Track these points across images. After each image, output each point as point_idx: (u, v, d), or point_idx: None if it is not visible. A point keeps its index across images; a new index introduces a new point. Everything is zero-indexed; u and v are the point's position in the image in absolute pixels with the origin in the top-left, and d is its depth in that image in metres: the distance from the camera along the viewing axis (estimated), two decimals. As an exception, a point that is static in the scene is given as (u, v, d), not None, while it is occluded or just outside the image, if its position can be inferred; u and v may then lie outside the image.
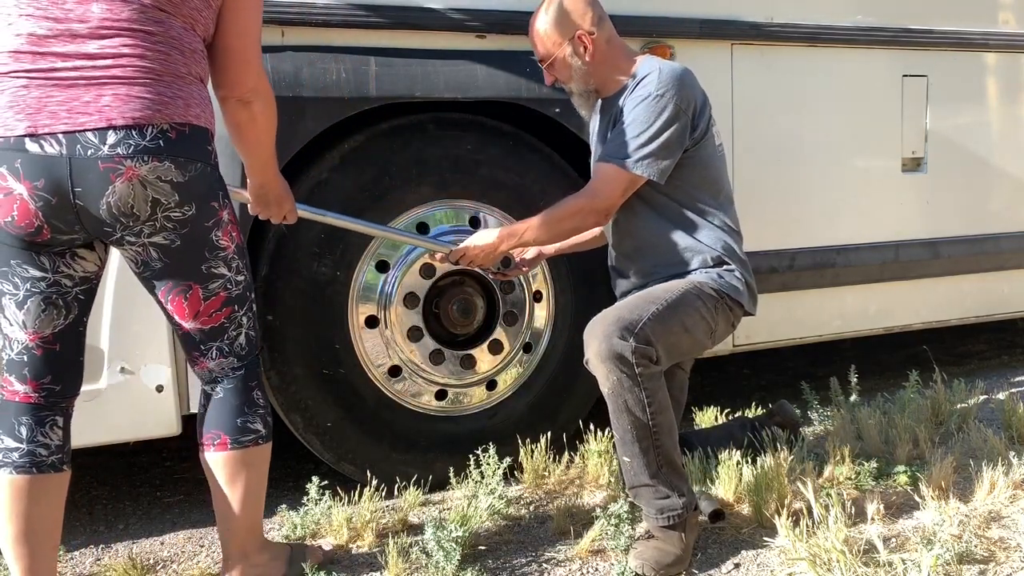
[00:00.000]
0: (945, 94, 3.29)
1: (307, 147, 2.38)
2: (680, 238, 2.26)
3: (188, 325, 1.83)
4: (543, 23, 2.26)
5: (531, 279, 2.69)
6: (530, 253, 2.54)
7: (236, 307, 1.86)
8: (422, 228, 2.54)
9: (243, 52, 1.79)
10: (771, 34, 2.93)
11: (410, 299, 2.53)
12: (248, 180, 2.00)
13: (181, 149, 1.68)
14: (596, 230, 2.46)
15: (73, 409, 1.85)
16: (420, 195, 2.53)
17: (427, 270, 2.54)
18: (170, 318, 1.84)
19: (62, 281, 1.74)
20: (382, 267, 2.52)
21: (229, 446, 1.87)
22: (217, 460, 1.88)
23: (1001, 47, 3.38)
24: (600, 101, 2.35)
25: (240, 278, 1.86)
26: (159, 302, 1.82)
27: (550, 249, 2.53)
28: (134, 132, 1.62)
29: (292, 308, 2.41)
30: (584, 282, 2.73)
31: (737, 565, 2.11)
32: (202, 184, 1.73)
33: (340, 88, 2.36)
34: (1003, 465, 2.41)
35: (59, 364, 1.78)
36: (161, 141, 1.65)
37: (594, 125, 2.42)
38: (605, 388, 2.08)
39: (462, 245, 2.36)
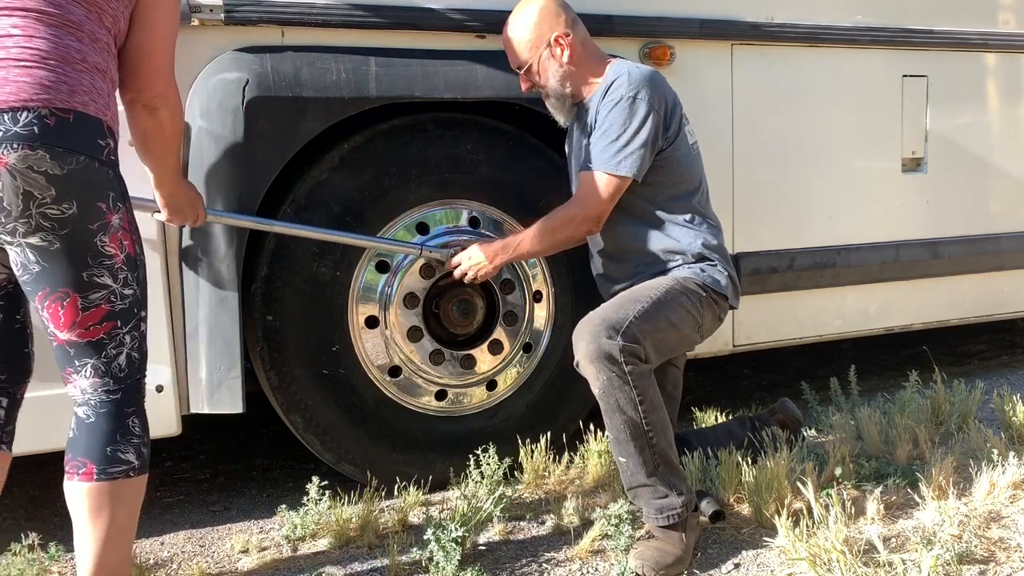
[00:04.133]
0: (945, 94, 3.28)
1: (307, 147, 2.38)
2: (661, 239, 2.31)
3: (63, 336, 1.67)
4: (520, 29, 2.30)
5: (531, 279, 2.69)
6: None
7: (119, 323, 1.70)
8: (422, 228, 2.54)
9: (152, 54, 1.73)
10: (771, 34, 2.93)
11: (410, 299, 2.53)
12: (156, 192, 1.95)
13: (60, 138, 1.54)
14: None
15: (23, 395, 1.81)
16: (420, 195, 2.53)
17: (427, 270, 2.54)
18: (45, 327, 1.69)
19: None
20: (382, 267, 2.52)
21: (95, 476, 1.68)
22: (80, 491, 1.69)
23: (1001, 47, 3.38)
24: (576, 108, 2.37)
25: (128, 292, 1.71)
26: (37, 309, 1.68)
27: None
28: (6, 116, 1.50)
29: (292, 308, 2.41)
30: (584, 282, 2.72)
31: (737, 565, 2.11)
32: (85, 180, 1.59)
33: (340, 88, 2.35)
34: (1003, 465, 2.41)
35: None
36: (36, 127, 1.52)
37: (570, 132, 2.45)
38: (596, 388, 2.09)
39: (455, 259, 2.40)
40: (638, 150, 2.19)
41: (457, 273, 2.42)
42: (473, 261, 2.37)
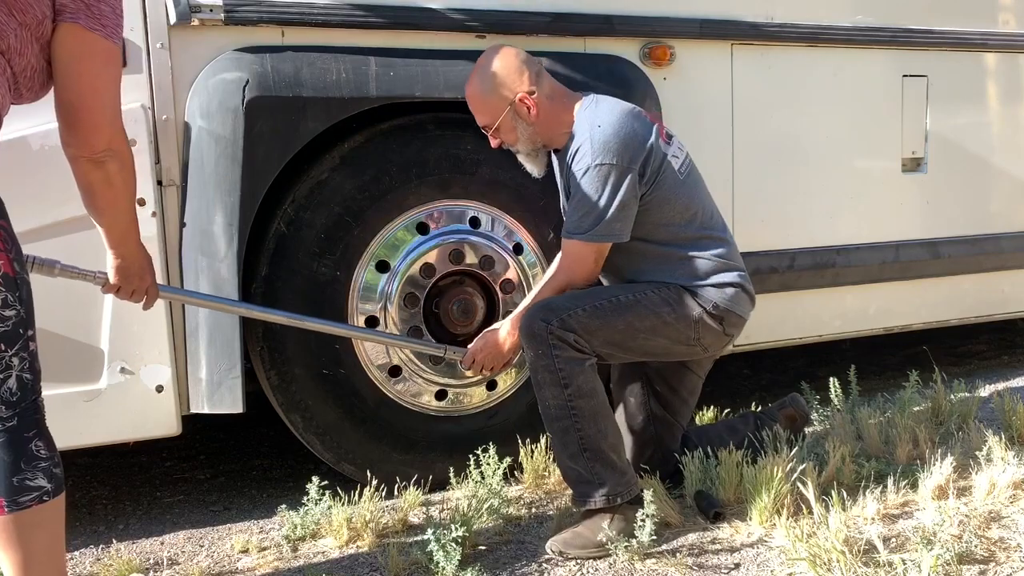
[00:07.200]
0: (945, 94, 3.28)
1: (307, 147, 2.38)
2: (661, 272, 2.29)
3: None
4: (481, 91, 2.25)
5: (531, 279, 2.69)
6: None
7: (2, 346, 1.57)
8: (422, 228, 2.54)
9: (88, 113, 1.59)
10: (771, 34, 2.93)
11: (410, 299, 2.53)
12: (109, 252, 1.83)
13: None
14: None
15: None
16: (420, 195, 2.53)
17: (427, 270, 2.54)
18: None
19: None
20: (382, 267, 2.52)
21: (6, 509, 1.57)
22: None
23: (1001, 47, 3.38)
24: (552, 152, 2.36)
25: (9, 313, 1.57)
26: None
27: None
28: None
29: (292, 308, 2.41)
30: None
31: (737, 565, 2.11)
32: None
33: (340, 88, 2.36)
34: (1003, 465, 2.41)
35: None
36: None
37: (555, 170, 2.43)
38: (527, 363, 2.20)
39: (468, 354, 2.37)
40: (617, 213, 2.17)
41: (475, 368, 2.38)
42: (485, 352, 2.34)
